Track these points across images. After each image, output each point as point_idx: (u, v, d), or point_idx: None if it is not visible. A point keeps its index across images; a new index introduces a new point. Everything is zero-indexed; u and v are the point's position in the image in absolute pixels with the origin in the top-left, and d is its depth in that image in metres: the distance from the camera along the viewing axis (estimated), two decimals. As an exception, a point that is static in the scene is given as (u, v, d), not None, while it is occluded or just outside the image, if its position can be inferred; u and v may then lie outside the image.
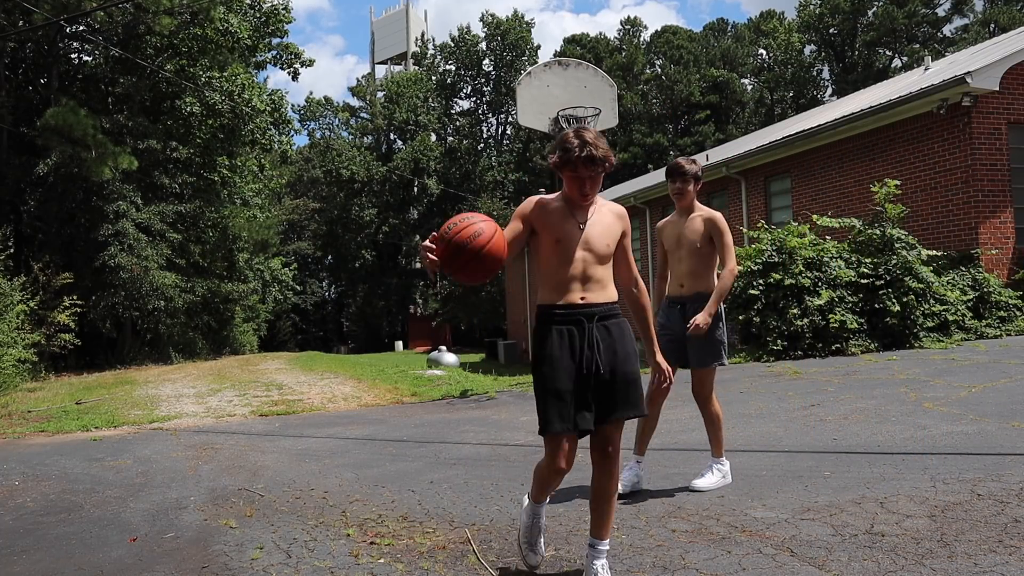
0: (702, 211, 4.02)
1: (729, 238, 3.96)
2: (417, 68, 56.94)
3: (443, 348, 18.60)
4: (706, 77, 49.79)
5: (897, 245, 9.39)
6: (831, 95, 47.16)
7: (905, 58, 43.25)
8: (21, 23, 18.48)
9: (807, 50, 48.26)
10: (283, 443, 6.20)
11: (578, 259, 2.66)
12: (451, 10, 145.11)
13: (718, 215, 3.99)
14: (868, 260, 9.40)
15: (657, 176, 22.91)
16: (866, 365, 7.77)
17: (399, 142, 53.46)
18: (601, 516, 2.69)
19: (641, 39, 55.03)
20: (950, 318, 9.06)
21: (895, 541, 2.91)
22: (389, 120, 51.56)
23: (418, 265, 52.69)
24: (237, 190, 27.58)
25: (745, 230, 12.93)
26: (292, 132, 27.30)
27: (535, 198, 2.78)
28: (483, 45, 52.52)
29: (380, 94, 54.37)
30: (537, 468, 2.81)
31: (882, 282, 9.09)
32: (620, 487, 3.33)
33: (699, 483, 3.87)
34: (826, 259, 9.35)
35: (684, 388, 6.98)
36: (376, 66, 75.24)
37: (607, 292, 2.72)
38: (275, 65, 27.14)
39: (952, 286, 9.42)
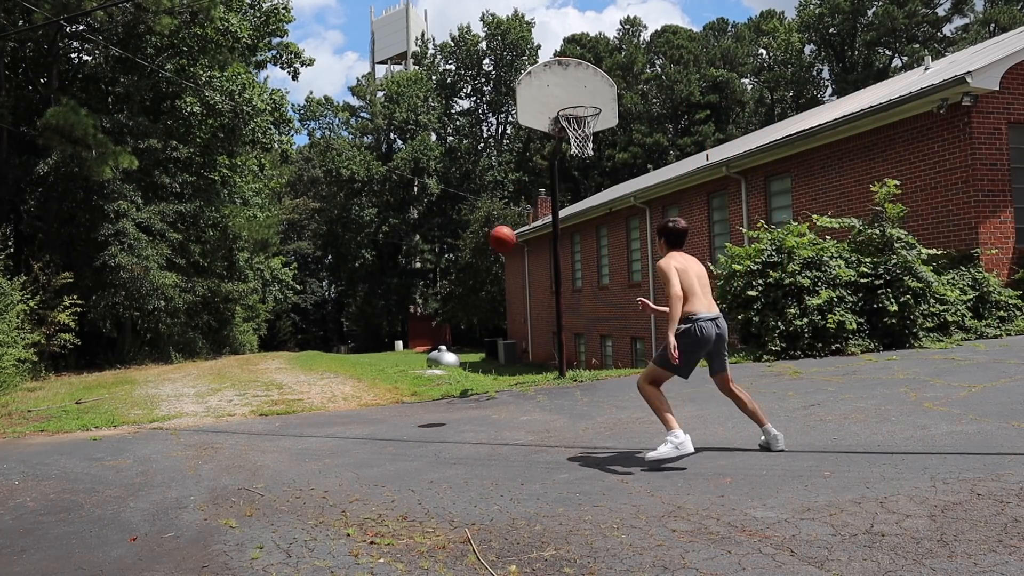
0: None
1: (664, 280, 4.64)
2: (417, 68, 56.96)
3: (443, 348, 18.59)
4: (706, 77, 49.81)
5: (897, 245, 9.38)
6: (831, 95, 47.18)
7: (905, 58, 43.25)
8: (21, 23, 18.48)
9: (807, 50, 48.27)
10: (283, 443, 6.20)
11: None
12: (451, 10, 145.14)
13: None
14: (868, 260, 9.39)
15: (658, 176, 22.94)
16: (866, 365, 7.77)
17: (399, 142, 53.48)
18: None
19: (641, 39, 55.06)
20: (950, 318, 9.06)
21: (895, 541, 2.91)
22: (389, 120, 51.57)
23: (417, 265, 52.78)
24: (237, 189, 27.59)
25: (745, 230, 12.93)
26: (292, 132, 27.32)
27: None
28: (483, 45, 52.54)
29: (380, 94, 54.39)
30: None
31: (881, 282, 9.09)
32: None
33: (651, 454, 4.40)
34: (825, 259, 9.35)
35: (685, 388, 6.97)
36: (376, 65, 75.30)
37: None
38: (275, 64, 27.16)
39: (952, 286, 9.42)
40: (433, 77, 54.11)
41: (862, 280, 9.16)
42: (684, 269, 4.56)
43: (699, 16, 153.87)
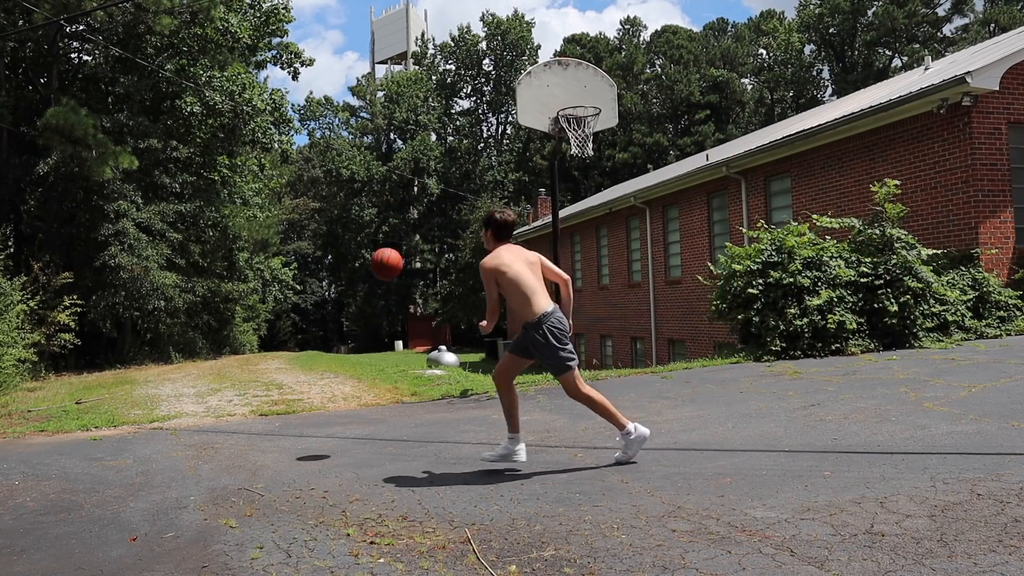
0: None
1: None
2: (417, 68, 56.97)
3: (443, 348, 18.58)
4: (706, 77, 49.83)
5: (897, 245, 9.38)
6: (831, 95, 47.20)
7: (905, 58, 43.28)
8: (21, 23, 18.48)
9: (807, 50, 48.29)
10: (283, 443, 6.20)
11: None
12: (451, 10, 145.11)
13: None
14: (868, 260, 9.40)
15: (658, 176, 22.94)
16: (866, 365, 7.77)
17: (399, 142, 53.52)
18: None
19: (641, 39, 55.10)
20: (950, 318, 9.06)
21: (895, 541, 2.91)
22: (389, 120, 51.60)
23: (417, 265, 52.81)
24: (237, 190, 27.58)
25: (745, 230, 12.93)
26: (292, 132, 27.32)
27: None
28: (483, 45, 52.57)
29: (380, 94, 54.41)
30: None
31: (882, 282, 9.09)
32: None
33: (620, 455, 4.55)
34: (825, 258, 9.35)
35: (684, 389, 6.97)
36: (376, 66, 75.34)
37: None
38: (275, 64, 27.17)
39: (952, 286, 9.42)
40: (433, 77, 54.13)
41: (862, 280, 9.16)
42: (512, 263, 4.44)
43: (699, 16, 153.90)
